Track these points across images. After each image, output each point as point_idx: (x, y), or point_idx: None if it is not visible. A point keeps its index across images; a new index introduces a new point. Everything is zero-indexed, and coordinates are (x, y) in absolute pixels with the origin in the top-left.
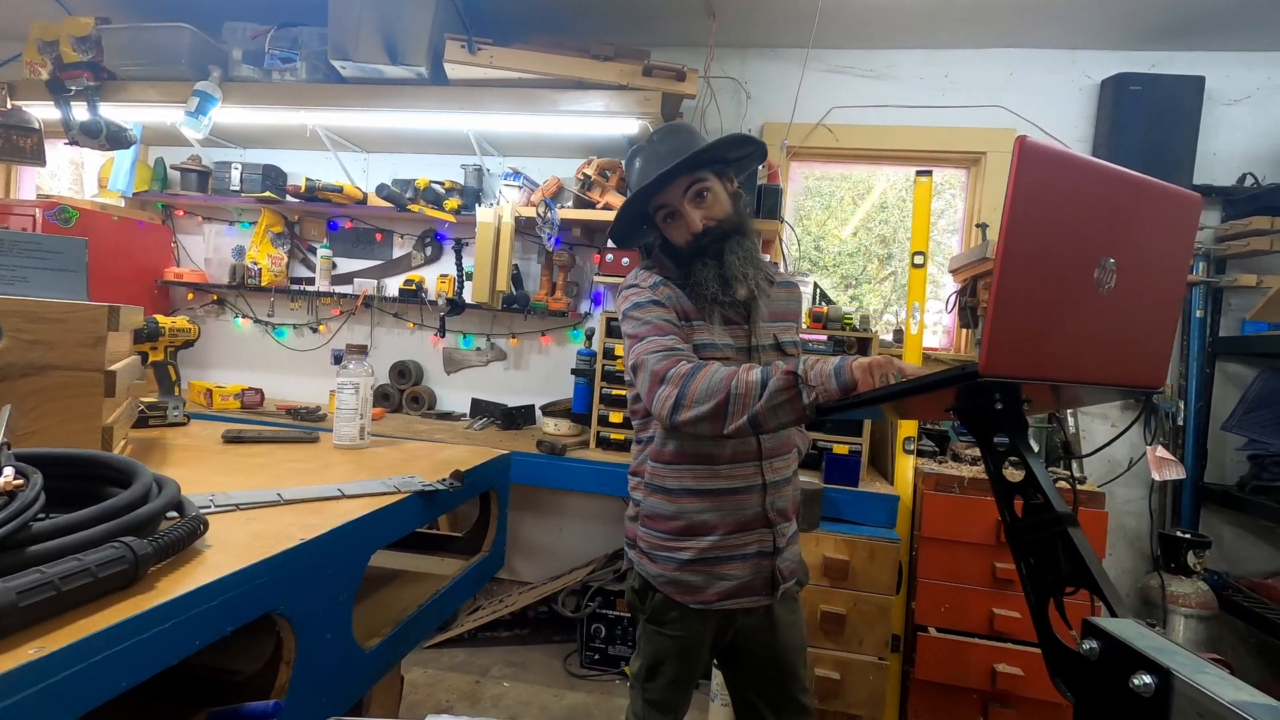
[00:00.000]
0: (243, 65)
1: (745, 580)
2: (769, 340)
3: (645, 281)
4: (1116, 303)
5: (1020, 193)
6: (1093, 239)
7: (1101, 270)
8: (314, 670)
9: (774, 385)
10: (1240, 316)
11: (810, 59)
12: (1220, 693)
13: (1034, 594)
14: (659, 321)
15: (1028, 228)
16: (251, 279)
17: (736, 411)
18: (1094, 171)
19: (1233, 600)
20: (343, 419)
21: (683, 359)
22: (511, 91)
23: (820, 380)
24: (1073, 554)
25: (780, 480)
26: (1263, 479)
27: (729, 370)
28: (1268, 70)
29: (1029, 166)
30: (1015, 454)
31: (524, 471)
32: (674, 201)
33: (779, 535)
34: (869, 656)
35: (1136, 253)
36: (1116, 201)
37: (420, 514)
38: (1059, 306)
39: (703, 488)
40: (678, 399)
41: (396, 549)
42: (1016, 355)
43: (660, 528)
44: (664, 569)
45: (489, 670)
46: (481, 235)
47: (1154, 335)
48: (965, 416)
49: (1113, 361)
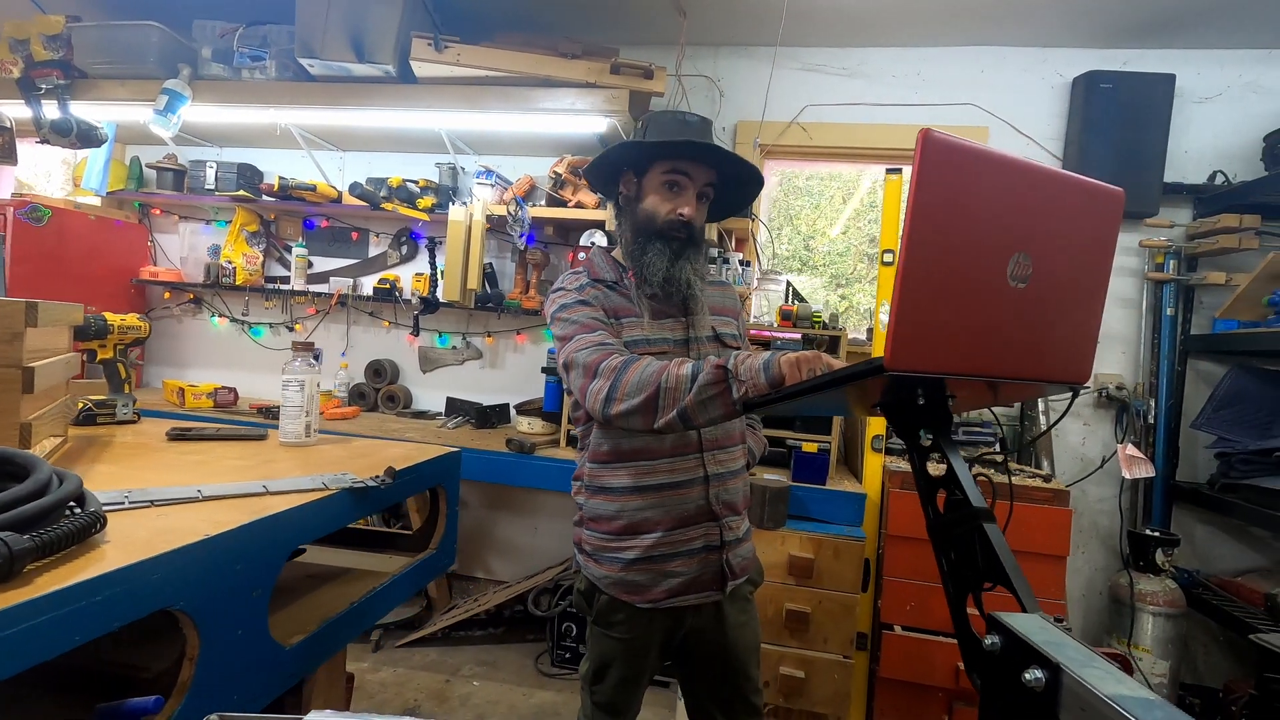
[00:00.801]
0: (212, 63)
1: (692, 576)
2: (707, 332)
3: (571, 284)
4: (1033, 298)
5: (924, 186)
6: (1004, 233)
7: (1015, 265)
8: (222, 667)
9: (703, 379)
10: (1211, 314)
11: (783, 57)
12: (1101, 686)
13: (953, 588)
14: (586, 320)
15: (932, 221)
16: (226, 278)
17: (666, 405)
18: (1004, 166)
19: (1202, 598)
20: (288, 416)
21: (614, 352)
22: (479, 90)
23: (749, 375)
24: (988, 549)
25: (725, 473)
26: (1230, 476)
27: (661, 364)
28: (1238, 68)
29: (932, 159)
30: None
31: (494, 470)
32: (694, 178)
33: (726, 529)
34: (834, 655)
35: (1053, 248)
36: (1030, 196)
37: (351, 510)
38: (969, 301)
39: (642, 484)
40: (609, 392)
41: (344, 546)
42: (923, 349)
43: (602, 529)
44: (609, 570)
45: (460, 669)
46: (452, 234)
47: (1075, 330)
48: (890, 412)
49: (1032, 356)
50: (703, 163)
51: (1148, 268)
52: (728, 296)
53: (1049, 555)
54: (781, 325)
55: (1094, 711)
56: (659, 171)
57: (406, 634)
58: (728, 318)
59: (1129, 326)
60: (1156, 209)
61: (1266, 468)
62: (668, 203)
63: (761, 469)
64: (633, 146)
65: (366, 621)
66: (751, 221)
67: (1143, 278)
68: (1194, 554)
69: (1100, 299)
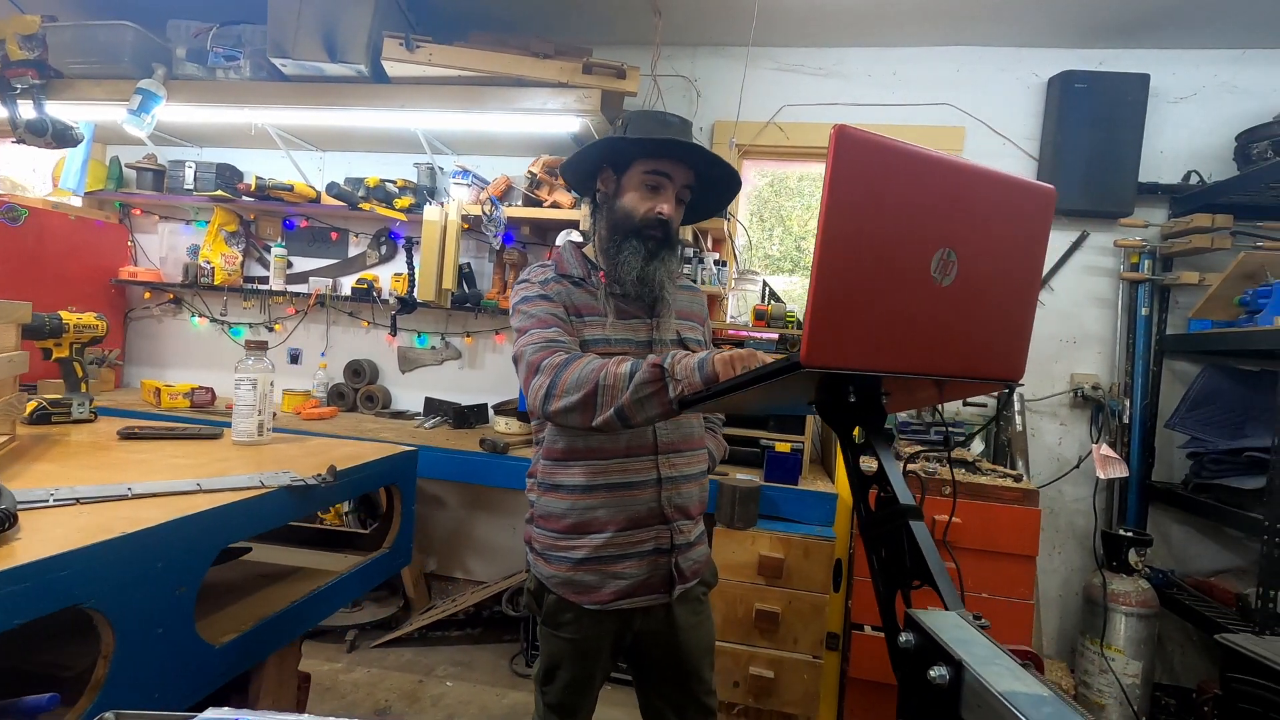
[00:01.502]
0: (187, 63)
1: (641, 578)
2: (672, 336)
3: (536, 277)
4: (959, 295)
5: (837, 182)
6: (926, 230)
7: (940, 262)
8: (140, 665)
9: (640, 378)
10: (1186, 314)
11: (760, 57)
12: (997, 683)
13: (883, 586)
14: (543, 315)
15: (847, 218)
16: (204, 278)
17: (604, 403)
18: (925, 162)
19: (1175, 599)
20: (241, 415)
21: (559, 350)
22: (451, 89)
23: (685, 374)
24: (914, 548)
25: (680, 476)
26: (1202, 476)
27: (601, 362)
28: (1213, 68)
29: (846, 156)
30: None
31: (468, 470)
32: (674, 178)
33: (677, 532)
34: (804, 655)
35: (980, 245)
36: (954, 193)
37: (290, 509)
38: (890, 297)
39: (594, 483)
40: (549, 389)
41: (302, 545)
42: (841, 346)
43: (552, 527)
44: (557, 569)
45: (434, 669)
46: (428, 234)
47: (1006, 328)
48: (824, 409)
49: (960, 354)
50: (684, 163)
51: (1123, 268)
52: (695, 301)
53: (1018, 555)
54: (756, 325)
55: (989, 708)
56: (640, 170)
57: (383, 634)
58: (694, 323)
59: (1105, 326)
60: (1132, 209)
61: (1237, 467)
62: (647, 201)
63: (734, 469)
64: (615, 143)
65: (310, 620)
66: (728, 222)
67: (1118, 278)
68: (1170, 554)
69: (1032, 297)
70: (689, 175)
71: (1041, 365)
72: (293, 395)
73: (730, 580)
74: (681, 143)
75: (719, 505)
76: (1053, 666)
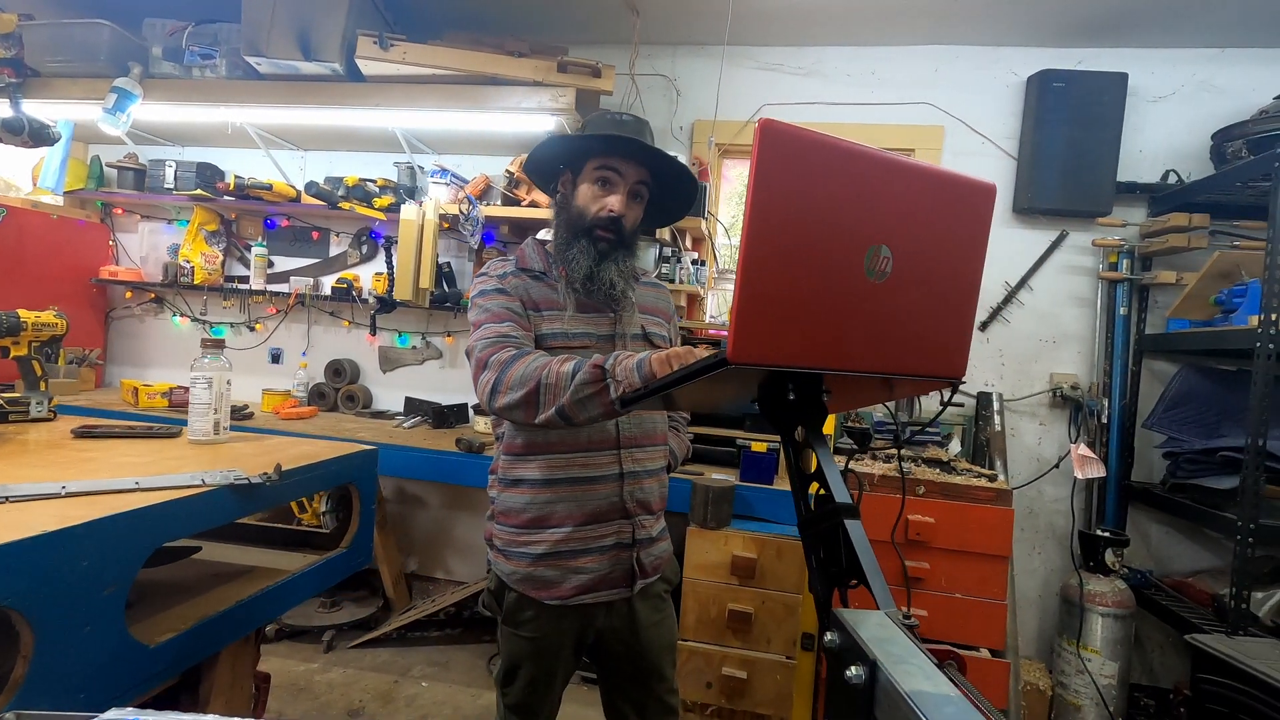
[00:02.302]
0: (163, 62)
1: (602, 573)
2: (636, 330)
3: (495, 271)
4: (895, 292)
5: (762, 177)
6: (859, 226)
7: (874, 259)
8: (64, 665)
9: (581, 378)
10: (1165, 313)
11: (740, 56)
12: (905, 682)
13: (820, 585)
14: (497, 309)
15: (774, 211)
16: (184, 277)
17: (546, 401)
18: (857, 157)
19: (1153, 599)
20: (196, 414)
21: (509, 345)
22: (426, 88)
23: (625, 374)
24: (849, 547)
25: (641, 471)
26: (1178, 476)
27: (546, 360)
28: (1191, 67)
29: (771, 150)
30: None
31: (443, 470)
32: (624, 174)
33: (639, 527)
34: (776, 655)
35: (916, 242)
36: (889, 188)
37: (233, 508)
38: (822, 293)
39: (554, 477)
40: (494, 384)
41: (258, 544)
42: (769, 342)
43: (512, 522)
44: (518, 565)
45: (410, 670)
46: (405, 233)
47: (946, 325)
48: (765, 406)
49: (896, 352)
50: (634, 161)
51: (1102, 267)
52: (661, 298)
53: (991, 555)
54: None
55: (895, 708)
56: (591, 167)
57: (362, 634)
58: (659, 318)
59: (1083, 326)
60: (1110, 208)
61: (1212, 467)
62: (598, 199)
63: (710, 468)
64: (561, 141)
65: (256, 619)
66: (706, 221)
67: (1097, 277)
68: (1149, 554)
69: (973, 295)
70: (642, 173)
71: (1021, 365)
72: (273, 395)
73: (703, 580)
74: (626, 138)
75: (692, 505)
76: (1030, 667)
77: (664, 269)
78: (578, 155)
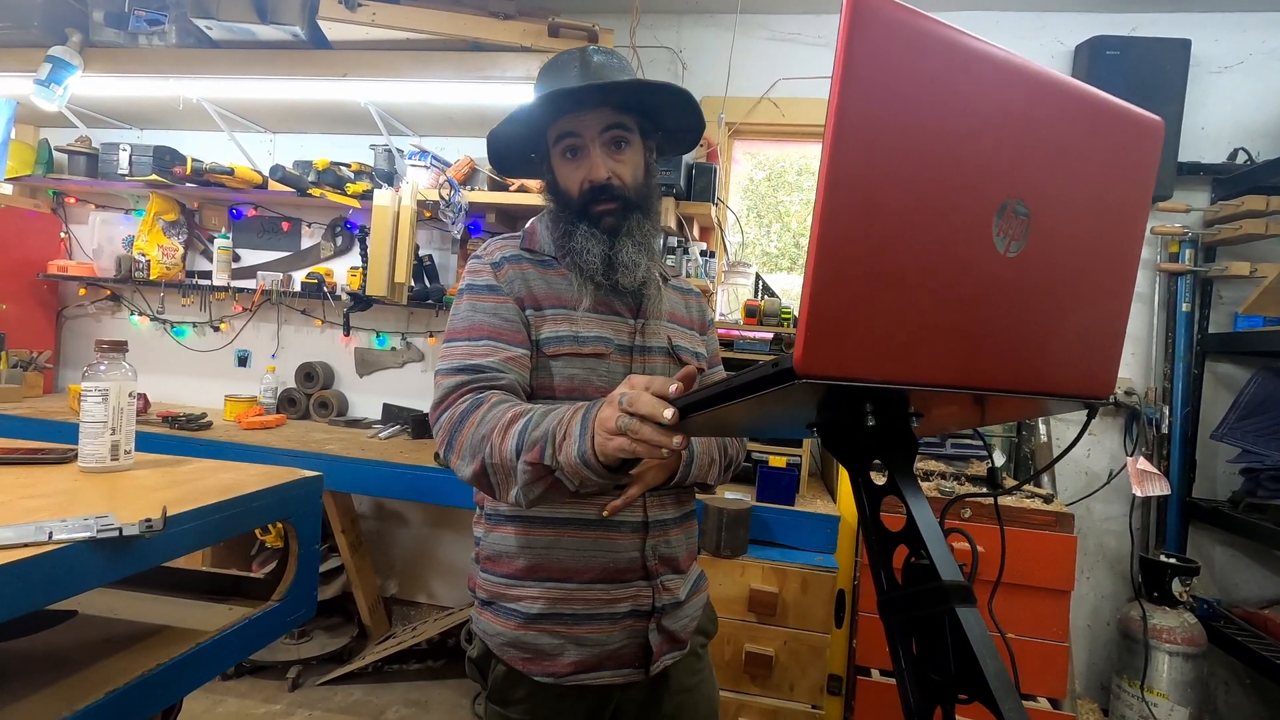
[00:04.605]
0: (105, 28)
1: (611, 648)
2: (661, 341)
3: (493, 253)
4: (1029, 269)
5: (851, 81)
6: (989, 169)
7: (1005, 219)
8: None
9: (524, 477)
10: (1232, 310)
11: (753, 25)
12: None
13: (914, 696)
14: (478, 319)
15: (870, 131)
16: (139, 271)
17: (501, 485)
18: (992, 63)
19: (1224, 633)
20: (88, 434)
21: (468, 389)
22: (399, 55)
23: (569, 468)
24: (962, 647)
25: (668, 520)
26: (1258, 495)
27: (494, 422)
28: (1262, 33)
29: (867, 39)
30: (896, 490)
31: (421, 488)
32: (584, 133)
33: (662, 590)
34: (801, 704)
35: (1061, 196)
36: (1031, 114)
37: (96, 570)
38: (934, 274)
39: (556, 515)
40: (446, 450)
41: (181, 593)
42: (855, 348)
43: (501, 570)
44: (504, 625)
45: (385, 712)
46: (378, 221)
47: (1095, 320)
48: (828, 435)
49: (1029, 358)
50: (593, 109)
51: (1160, 258)
52: (693, 306)
53: (1050, 589)
54: (747, 323)
55: None
56: (551, 140)
57: (333, 668)
58: (689, 329)
59: (1140, 324)
60: (1170, 191)
61: None
62: (574, 175)
63: (721, 486)
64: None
65: (155, 703)
66: (715, 208)
67: (1155, 269)
68: (1212, 581)
69: (1130, 277)
70: (608, 116)
71: None
72: (237, 402)
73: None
74: (561, 92)
75: (704, 530)
76: (1083, 707)
77: (669, 261)
78: (533, 132)
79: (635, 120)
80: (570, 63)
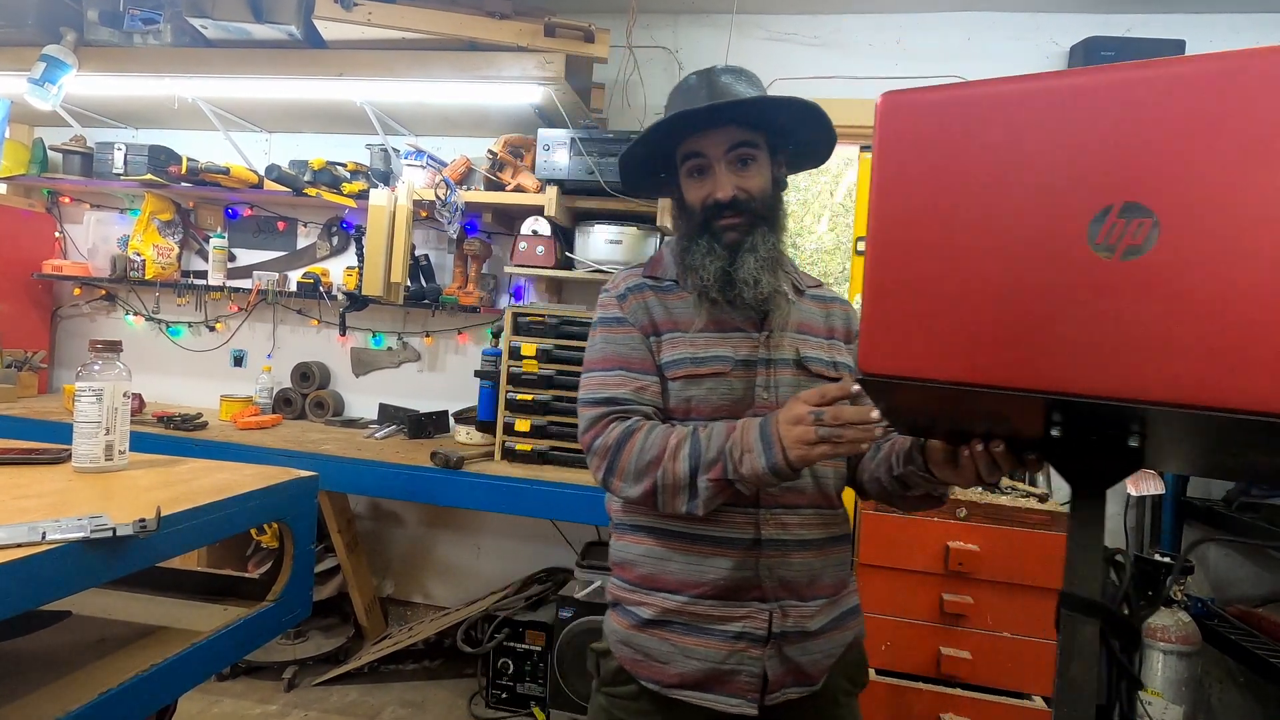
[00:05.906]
0: (100, 27)
1: (718, 668)
2: (789, 354)
3: (619, 286)
4: (1157, 274)
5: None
6: (1080, 175)
7: (1103, 225)
8: None
9: (707, 491)
10: None
11: (749, 25)
12: None
13: None
14: (611, 352)
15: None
16: (134, 271)
17: (670, 502)
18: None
19: (1217, 631)
20: (82, 435)
21: (613, 418)
22: (395, 55)
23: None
24: None
25: (791, 541)
26: (1252, 494)
27: (659, 449)
28: (1256, 34)
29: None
30: None
31: (418, 488)
32: (709, 152)
33: (781, 616)
34: None
35: (1193, 190)
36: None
37: (90, 571)
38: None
39: (668, 528)
40: (606, 476)
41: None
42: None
43: (625, 576)
44: (620, 624)
45: (381, 713)
46: (374, 221)
47: (1255, 320)
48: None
49: (1160, 366)
50: (719, 127)
51: None
52: (834, 314)
53: (1044, 588)
54: None
55: None
56: (680, 161)
57: (329, 669)
58: (818, 338)
59: None
60: None
61: None
62: (698, 192)
63: None
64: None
65: (148, 705)
66: None
67: None
68: (1206, 579)
69: None
70: (734, 134)
71: None
72: (233, 402)
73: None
74: (687, 113)
75: None
76: None
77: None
78: (662, 153)
79: (763, 137)
80: (699, 84)
